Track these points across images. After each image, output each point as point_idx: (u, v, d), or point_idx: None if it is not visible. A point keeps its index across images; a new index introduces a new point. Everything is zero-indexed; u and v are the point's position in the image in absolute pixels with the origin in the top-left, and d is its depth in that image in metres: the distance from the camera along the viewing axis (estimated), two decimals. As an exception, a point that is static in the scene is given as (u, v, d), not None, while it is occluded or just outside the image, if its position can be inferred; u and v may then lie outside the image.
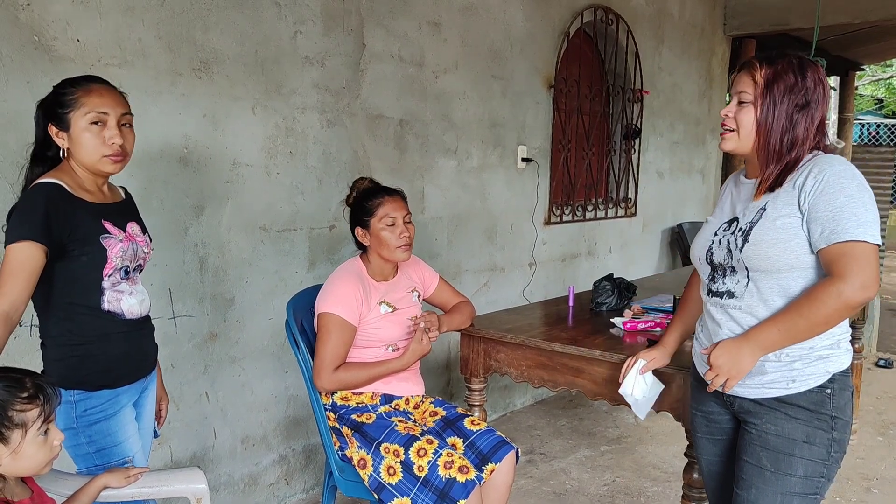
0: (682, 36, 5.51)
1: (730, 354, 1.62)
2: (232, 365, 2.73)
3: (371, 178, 2.38)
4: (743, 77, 1.65)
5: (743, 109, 1.64)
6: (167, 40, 2.41)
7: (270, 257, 2.81)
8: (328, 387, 2.18)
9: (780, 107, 1.61)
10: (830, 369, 1.62)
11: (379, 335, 2.23)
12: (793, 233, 1.59)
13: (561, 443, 3.76)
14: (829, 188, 1.56)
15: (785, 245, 1.59)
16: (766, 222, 1.62)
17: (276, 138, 2.78)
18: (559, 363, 2.35)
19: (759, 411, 1.67)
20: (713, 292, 1.74)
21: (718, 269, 1.74)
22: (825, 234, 1.55)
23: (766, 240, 1.61)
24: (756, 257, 1.62)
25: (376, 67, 3.13)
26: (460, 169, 3.64)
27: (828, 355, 1.63)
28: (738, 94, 1.66)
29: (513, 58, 3.88)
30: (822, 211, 1.55)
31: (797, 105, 1.62)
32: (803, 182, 1.60)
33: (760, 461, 1.65)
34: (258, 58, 2.68)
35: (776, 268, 1.61)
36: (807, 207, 1.58)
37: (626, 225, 5.12)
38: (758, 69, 1.63)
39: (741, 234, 1.66)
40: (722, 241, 1.72)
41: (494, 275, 3.95)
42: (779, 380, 1.64)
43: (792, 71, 1.63)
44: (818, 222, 1.56)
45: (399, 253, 2.25)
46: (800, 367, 1.62)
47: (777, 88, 1.61)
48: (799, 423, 1.62)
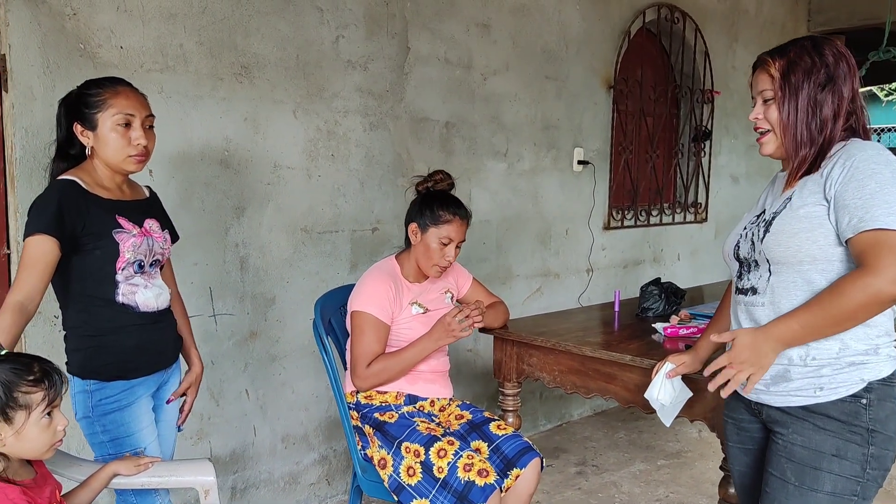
0: (759, 34, 5.25)
1: (750, 349, 1.50)
2: (272, 363, 2.78)
3: (451, 178, 2.30)
4: (760, 76, 1.56)
5: (769, 108, 1.54)
6: (208, 46, 2.49)
7: (312, 258, 2.85)
8: (364, 383, 2.17)
9: (801, 93, 1.50)
10: (866, 377, 1.48)
11: (409, 336, 2.21)
12: (817, 222, 1.47)
13: (616, 455, 3.62)
14: (859, 174, 1.43)
15: (807, 234, 1.48)
16: (790, 212, 1.52)
17: (318, 141, 2.82)
18: (591, 368, 2.26)
19: (786, 421, 1.54)
20: (739, 289, 1.64)
21: (744, 265, 1.64)
22: (853, 223, 1.42)
23: (787, 229, 1.50)
24: (776, 248, 1.51)
25: (421, 70, 3.13)
26: (510, 171, 3.58)
27: (862, 361, 1.48)
28: (759, 94, 1.56)
29: (568, 58, 3.79)
30: (850, 198, 1.43)
31: (819, 84, 1.51)
32: (831, 169, 1.48)
33: (785, 474, 1.52)
34: (300, 62, 2.73)
35: (797, 259, 1.49)
36: (833, 194, 1.46)
37: (697, 231, 4.91)
38: (771, 63, 1.53)
39: (764, 225, 1.56)
40: (748, 234, 1.63)
41: (548, 280, 3.87)
42: (805, 387, 1.50)
43: (806, 53, 1.52)
44: (846, 210, 1.43)
45: (434, 271, 2.23)
46: (828, 373, 1.48)
47: (795, 76, 1.51)
48: (828, 435, 1.48)
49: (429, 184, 2.28)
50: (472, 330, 2.14)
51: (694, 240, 4.89)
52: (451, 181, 2.30)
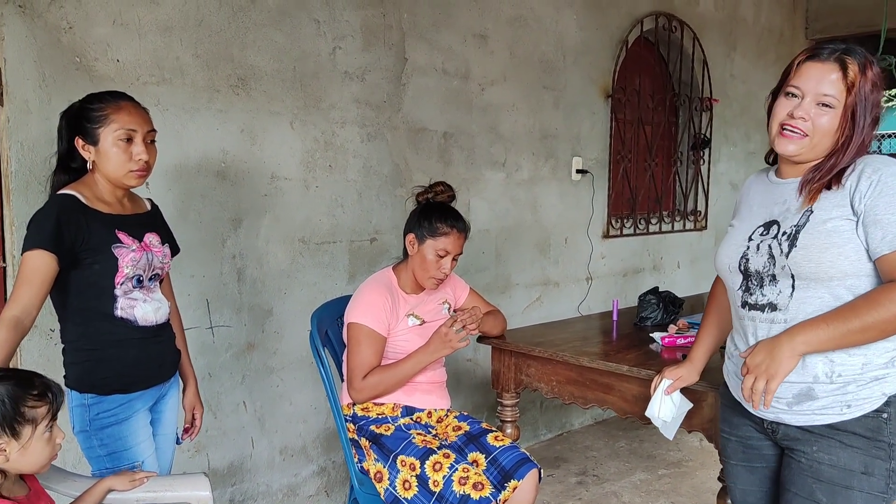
0: (757, 42, 5.26)
1: (766, 351, 1.46)
2: (270, 375, 2.77)
3: (451, 190, 2.30)
4: (830, 75, 1.45)
5: (823, 114, 1.47)
6: (205, 58, 2.49)
7: (309, 269, 2.85)
8: (361, 395, 2.16)
9: (867, 119, 1.47)
10: (886, 391, 1.46)
11: (406, 348, 2.20)
12: (846, 237, 1.45)
13: (616, 465, 3.60)
14: (889, 189, 1.42)
15: (839, 250, 1.44)
16: (815, 225, 1.47)
17: (315, 152, 2.83)
18: (588, 379, 2.25)
19: (810, 439, 1.50)
20: (751, 305, 1.58)
21: (754, 278, 1.57)
22: (888, 239, 1.40)
23: (816, 244, 1.46)
24: (807, 264, 1.47)
25: (419, 81, 3.14)
26: (509, 181, 3.58)
27: (883, 375, 1.47)
28: (819, 94, 1.46)
29: (566, 68, 3.80)
30: (882, 213, 1.41)
31: (875, 119, 1.49)
32: (856, 182, 1.46)
33: (814, 494, 1.49)
34: (296, 73, 2.74)
35: (829, 275, 1.46)
36: (863, 209, 1.43)
37: (696, 239, 4.90)
38: (852, 68, 1.45)
39: (786, 239, 1.51)
40: (761, 246, 1.56)
41: (548, 289, 3.86)
42: (832, 405, 1.47)
43: (875, 77, 1.48)
44: (878, 226, 1.41)
45: (430, 283, 2.23)
46: (854, 389, 1.46)
47: (868, 99, 1.46)
48: (856, 452, 1.46)
49: (429, 195, 2.28)
50: (468, 341, 2.13)
51: (694, 248, 4.88)
52: (451, 193, 2.30)
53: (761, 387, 1.46)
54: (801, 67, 1.50)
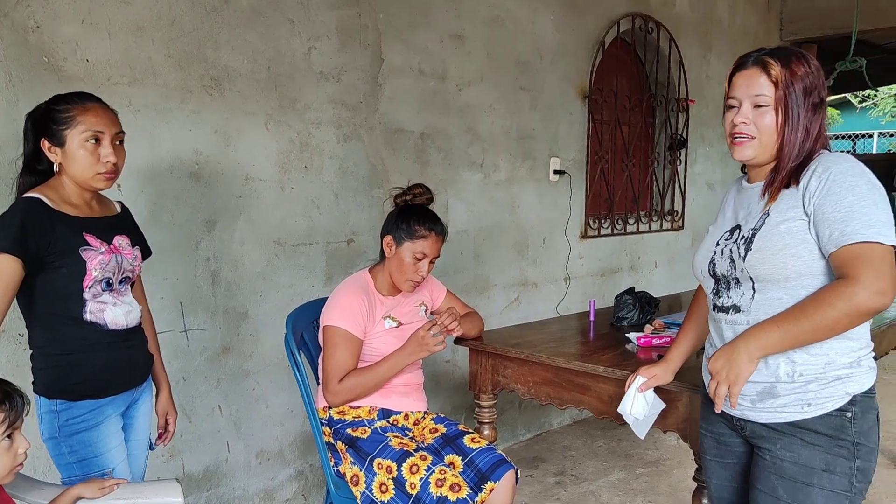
0: (732, 43, 5.31)
1: (725, 357, 1.51)
2: (246, 379, 2.74)
3: (430, 192, 2.29)
4: (755, 78, 1.52)
5: (762, 114, 1.51)
6: (177, 58, 2.46)
7: (285, 271, 2.82)
8: (337, 398, 2.14)
9: (801, 108, 1.50)
10: (850, 390, 1.48)
11: (383, 350, 2.19)
12: (799, 237, 1.47)
13: (595, 464, 3.62)
14: (836, 187, 1.44)
15: (792, 251, 1.47)
16: (770, 227, 1.51)
17: (290, 153, 2.80)
18: (564, 379, 2.25)
19: (774, 437, 1.53)
20: (718, 307, 1.62)
21: (722, 282, 1.62)
22: (834, 237, 1.42)
23: (770, 247, 1.49)
24: (761, 266, 1.50)
25: (395, 81, 3.13)
26: (487, 182, 3.58)
27: (847, 375, 1.49)
28: (752, 97, 1.52)
29: (542, 69, 3.81)
30: (829, 212, 1.43)
31: (814, 104, 1.52)
32: (807, 182, 1.49)
33: (776, 491, 1.51)
34: (271, 74, 2.72)
35: (783, 276, 1.49)
36: (812, 209, 1.46)
37: (673, 238, 4.94)
38: (773, 66, 1.50)
39: (744, 242, 1.54)
40: (724, 250, 1.61)
41: (526, 290, 3.87)
42: (793, 403, 1.50)
43: (804, 65, 1.52)
44: (826, 224, 1.44)
45: (407, 285, 2.22)
46: (815, 388, 1.48)
47: (797, 87, 1.50)
48: (817, 450, 1.48)
49: (407, 197, 2.27)
50: (445, 344, 2.13)
51: (671, 247, 4.92)
52: (429, 196, 2.29)
53: (723, 391, 1.51)
54: (732, 80, 1.58)
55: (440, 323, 2.12)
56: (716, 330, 1.65)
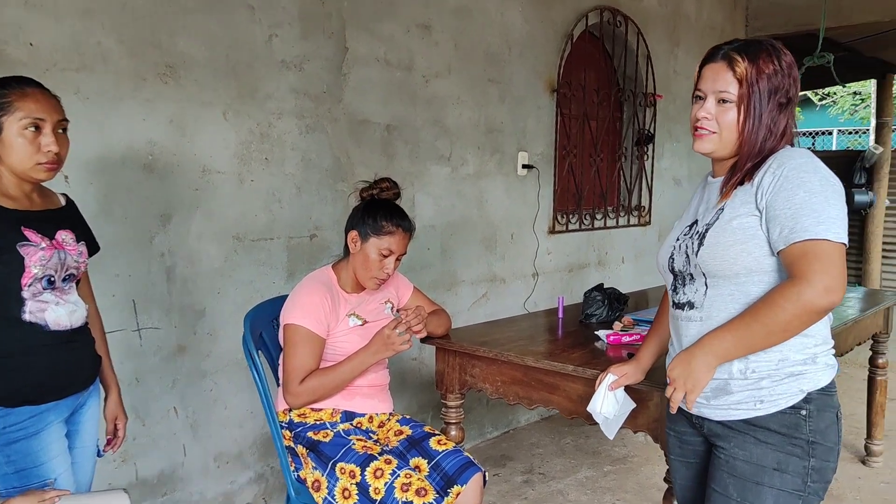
0: (699, 38, 5.32)
1: (683, 365, 1.48)
2: (203, 379, 2.64)
3: (397, 187, 2.20)
4: (721, 73, 1.48)
5: (726, 110, 1.48)
6: (129, 44, 2.34)
7: (245, 267, 2.72)
8: (298, 400, 2.05)
9: (765, 107, 1.47)
10: (805, 387, 1.45)
11: (347, 349, 2.11)
12: (750, 233, 1.45)
13: (562, 462, 3.58)
14: (788, 183, 1.41)
15: (742, 247, 1.45)
16: (722, 223, 1.48)
17: (250, 144, 2.70)
18: (533, 379, 2.20)
19: (728, 435, 1.51)
20: (676, 304, 1.61)
21: (679, 277, 1.60)
22: (784, 234, 1.39)
23: (721, 242, 1.47)
24: (712, 261, 1.48)
25: (360, 71, 3.04)
26: (455, 176, 3.51)
27: (801, 371, 1.46)
28: (717, 92, 1.48)
29: (511, 61, 3.75)
30: (780, 208, 1.40)
31: (780, 104, 1.49)
32: (761, 178, 1.46)
33: (727, 489, 1.49)
34: (230, 62, 2.61)
35: (733, 272, 1.46)
36: (764, 205, 1.43)
37: (640, 234, 4.93)
38: (739, 63, 1.47)
39: (697, 237, 1.52)
40: (681, 245, 1.58)
41: (494, 286, 3.81)
42: (745, 400, 1.48)
43: (772, 63, 1.48)
44: (776, 221, 1.41)
45: (372, 283, 2.14)
46: (768, 385, 1.46)
47: (762, 86, 1.46)
48: (769, 449, 1.45)
49: (374, 191, 2.19)
50: (411, 343, 2.05)
51: (638, 243, 4.91)
52: (397, 191, 2.21)
53: (679, 397, 1.50)
54: (701, 72, 1.54)
55: (405, 321, 2.05)
56: (674, 327, 1.63)
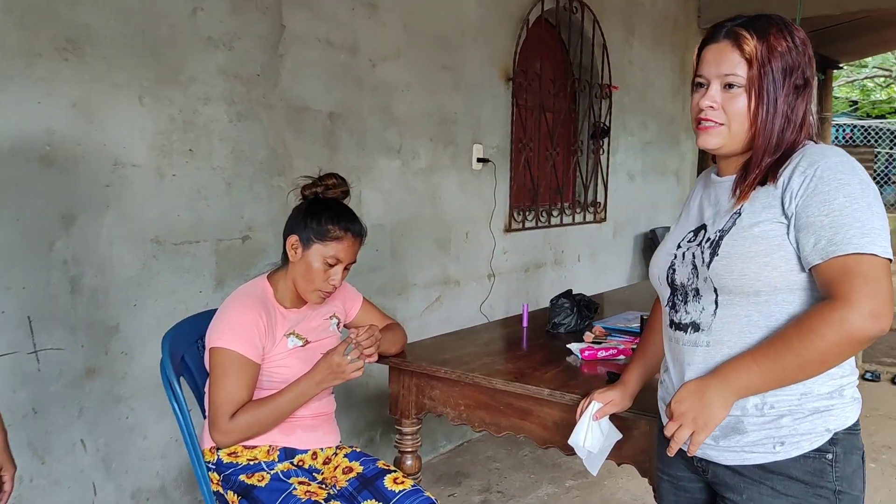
0: (653, 28, 5.15)
1: (694, 397, 1.22)
2: (117, 405, 2.27)
3: (346, 185, 1.90)
4: (729, 53, 1.25)
5: (733, 96, 1.25)
6: (19, 14, 1.96)
7: (166, 275, 2.36)
8: (228, 438, 1.72)
9: (780, 90, 1.23)
10: (831, 426, 1.22)
11: (286, 375, 1.79)
12: (776, 243, 1.20)
13: (521, 477, 3.34)
14: (824, 186, 1.17)
15: (765, 259, 1.20)
16: (741, 230, 1.23)
17: (172, 133, 2.34)
18: (503, 403, 1.93)
19: (739, 484, 1.26)
20: (675, 324, 1.34)
21: (679, 292, 1.34)
22: (821, 246, 1.15)
23: (740, 252, 1.22)
24: (728, 275, 1.23)
25: (299, 52, 2.70)
26: (405, 170, 3.22)
27: (827, 407, 1.22)
28: (722, 76, 1.25)
29: (465, 46, 3.47)
30: (815, 215, 1.16)
31: (797, 86, 1.25)
32: (788, 178, 1.22)
33: None
34: (146, 38, 2.24)
35: (754, 289, 1.21)
36: (794, 211, 1.19)
37: (596, 231, 4.73)
38: (748, 41, 1.23)
39: (709, 245, 1.27)
40: (686, 254, 1.33)
41: (448, 289, 3.53)
42: (762, 441, 1.23)
43: (785, 39, 1.25)
44: (811, 230, 1.17)
45: (314, 296, 1.82)
46: (789, 423, 1.22)
47: (775, 66, 1.23)
48: (789, 501, 1.22)
49: (318, 189, 1.87)
50: (363, 369, 1.75)
51: (594, 240, 4.72)
52: (345, 188, 1.89)
53: (685, 437, 1.23)
54: (701, 55, 1.31)
55: (356, 342, 1.75)
56: (671, 352, 1.37)
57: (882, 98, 15.56)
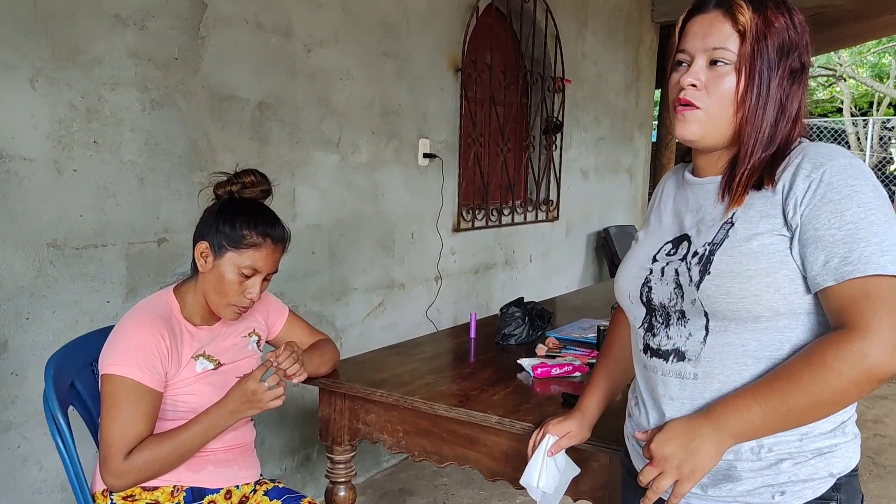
0: (607, 20, 5.00)
1: (681, 441, 1.02)
2: (6, 433, 1.98)
3: (267, 182, 1.65)
4: (719, 24, 1.06)
5: (719, 75, 1.06)
6: None
7: (66, 284, 2.08)
8: (122, 480, 1.46)
9: (775, 72, 1.04)
10: (835, 470, 1.05)
11: (192, 404, 1.54)
12: (777, 260, 1.01)
13: (470, 494, 3.14)
14: (834, 193, 0.98)
15: (766, 280, 1.01)
16: (736, 244, 1.04)
17: (72, 122, 2.05)
18: (446, 429, 1.72)
19: None
20: (653, 350, 1.14)
21: (658, 314, 1.14)
22: (833, 265, 0.97)
23: (737, 271, 1.02)
24: (723, 298, 1.03)
25: (223, 34, 2.43)
26: (345, 165, 2.97)
27: (830, 448, 1.05)
28: (709, 50, 1.06)
29: (410, 33, 3.24)
30: (825, 228, 0.98)
31: (792, 70, 1.07)
32: (790, 183, 1.02)
33: None
34: (38, 12, 1.95)
35: (753, 314, 1.02)
36: (799, 222, 1.00)
37: (548, 230, 4.57)
38: (742, 10, 1.04)
39: (698, 262, 1.07)
40: (666, 270, 1.12)
41: (392, 293, 3.31)
42: (758, 490, 1.05)
43: (783, 16, 1.06)
44: (820, 246, 0.98)
45: (229, 312, 1.58)
46: (789, 468, 1.04)
47: (771, 44, 1.04)
48: None
49: (233, 187, 1.62)
50: (284, 397, 1.51)
51: (546, 240, 4.55)
52: (266, 187, 1.64)
53: (665, 486, 1.03)
54: (685, 27, 1.11)
55: (276, 365, 1.52)
56: (645, 381, 1.17)
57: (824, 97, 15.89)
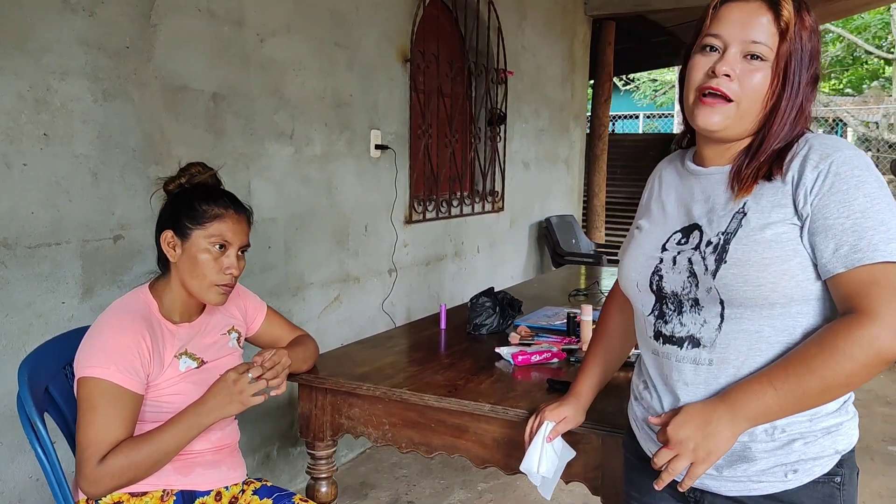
0: (544, 13, 5.08)
1: (697, 424, 1.06)
2: (-42, 447, 1.86)
3: (212, 170, 1.62)
4: (761, 16, 1.07)
5: (753, 70, 1.08)
6: None
7: (18, 285, 1.96)
8: (98, 487, 1.38)
9: (804, 75, 1.09)
10: (840, 447, 1.10)
11: (177, 404, 1.48)
12: (790, 248, 1.05)
13: (431, 484, 3.15)
14: (842, 183, 1.03)
15: (782, 267, 1.05)
16: (750, 233, 1.07)
17: (20, 114, 1.93)
18: (434, 419, 1.72)
19: None
20: (666, 337, 1.17)
21: (670, 302, 1.17)
22: (843, 252, 1.02)
23: (754, 260, 1.06)
24: (741, 286, 1.07)
25: (176, 23, 2.34)
26: (299, 157, 2.91)
27: (836, 426, 1.10)
28: (748, 43, 1.07)
29: (360, 23, 3.20)
30: (834, 217, 1.03)
31: (814, 76, 1.11)
32: (799, 173, 1.07)
33: None
34: (-18, -5, 1.83)
35: (769, 301, 1.06)
36: (810, 212, 1.04)
37: (494, 221, 4.61)
38: (787, 7, 1.06)
39: (713, 251, 1.10)
40: (679, 259, 1.15)
41: (347, 286, 3.27)
42: (772, 469, 1.09)
43: (811, 19, 1.10)
44: (830, 234, 1.03)
45: (213, 294, 1.53)
46: (801, 448, 1.09)
47: (805, 46, 1.08)
48: None
49: (182, 180, 1.57)
50: (266, 394, 1.47)
51: (492, 230, 4.60)
52: (212, 173, 1.62)
53: (681, 468, 1.07)
54: (720, 10, 1.11)
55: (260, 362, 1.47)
56: (657, 366, 1.20)
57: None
